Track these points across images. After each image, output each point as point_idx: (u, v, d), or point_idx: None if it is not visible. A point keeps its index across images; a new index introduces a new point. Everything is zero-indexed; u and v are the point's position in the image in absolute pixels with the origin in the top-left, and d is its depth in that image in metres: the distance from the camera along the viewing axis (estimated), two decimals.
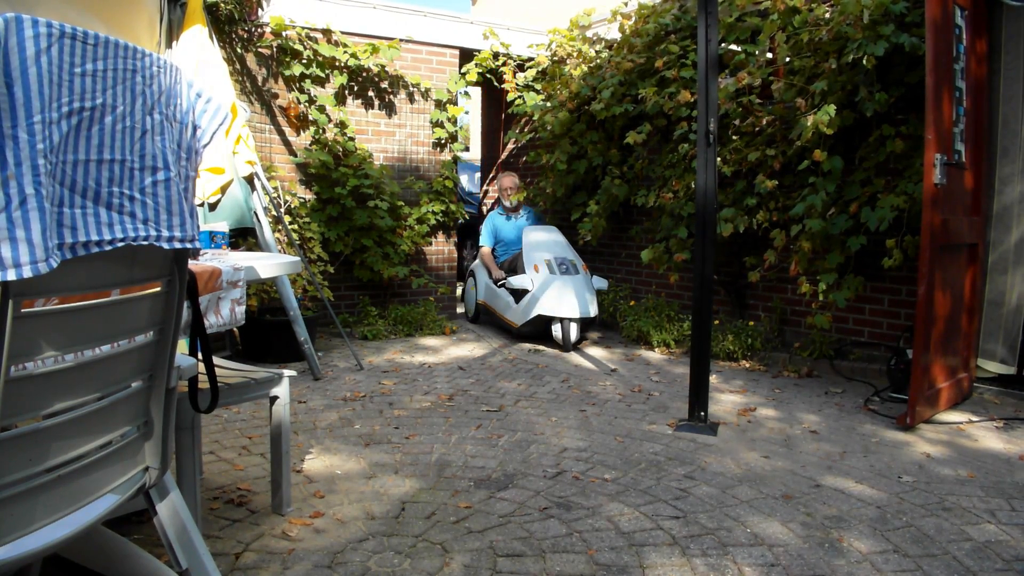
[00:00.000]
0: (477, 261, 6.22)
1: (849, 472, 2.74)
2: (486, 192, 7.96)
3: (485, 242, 5.96)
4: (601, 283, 5.26)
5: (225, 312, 2.19)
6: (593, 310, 5.02)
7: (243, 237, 4.55)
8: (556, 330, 5.03)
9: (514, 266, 5.65)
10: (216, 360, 2.14)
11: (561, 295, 4.95)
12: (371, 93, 5.84)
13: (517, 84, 6.37)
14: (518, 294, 5.29)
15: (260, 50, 5.26)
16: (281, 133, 5.51)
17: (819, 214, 4.03)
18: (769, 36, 4.30)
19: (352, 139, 5.62)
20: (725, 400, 3.79)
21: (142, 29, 3.36)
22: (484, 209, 8.15)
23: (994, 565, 2.01)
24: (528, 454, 2.92)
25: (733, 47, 4.76)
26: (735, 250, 4.98)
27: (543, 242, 5.40)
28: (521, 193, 6.13)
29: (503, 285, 5.56)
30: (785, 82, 4.21)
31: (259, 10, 5.09)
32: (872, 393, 3.88)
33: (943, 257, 3.28)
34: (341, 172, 5.43)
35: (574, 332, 5.01)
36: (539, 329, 5.19)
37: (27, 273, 1.01)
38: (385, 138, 5.94)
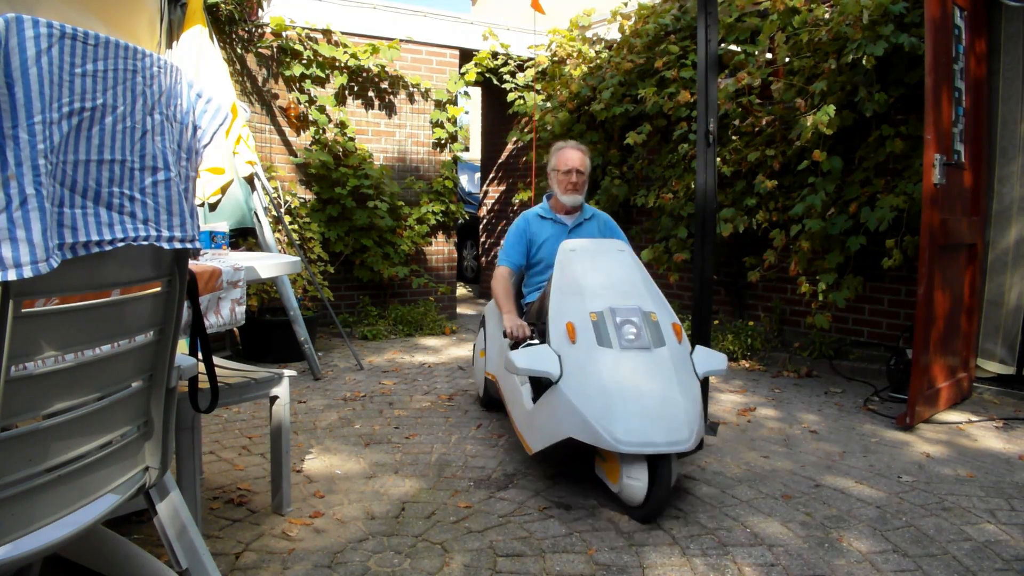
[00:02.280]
0: (491, 302, 3.42)
1: (849, 472, 2.74)
2: (486, 192, 7.96)
3: (505, 260, 3.27)
4: (714, 361, 2.58)
5: (225, 312, 2.20)
6: (696, 430, 2.29)
7: (243, 237, 4.55)
8: (626, 478, 2.26)
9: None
10: (216, 360, 2.14)
11: (625, 400, 2.27)
12: (371, 93, 5.84)
13: (516, 85, 6.37)
14: (538, 383, 2.66)
15: (260, 50, 5.26)
16: (281, 133, 5.51)
17: (819, 214, 4.03)
18: (769, 36, 4.30)
19: (352, 139, 5.62)
20: (725, 400, 3.79)
21: (142, 29, 3.36)
22: (483, 210, 8.13)
23: (994, 565, 2.01)
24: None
25: (733, 47, 4.76)
26: (735, 250, 4.98)
27: (591, 271, 2.69)
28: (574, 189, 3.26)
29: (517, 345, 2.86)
30: (785, 82, 4.21)
31: (259, 10, 5.09)
32: (872, 393, 3.88)
33: (942, 257, 3.28)
34: (341, 172, 5.43)
35: (664, 477, 2.24)
36: (575, 457, 2.63)
37: (27, 273, 1.01)
38: (385, 138, 5.94)
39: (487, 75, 6.43)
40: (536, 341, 2.84)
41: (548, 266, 3.14)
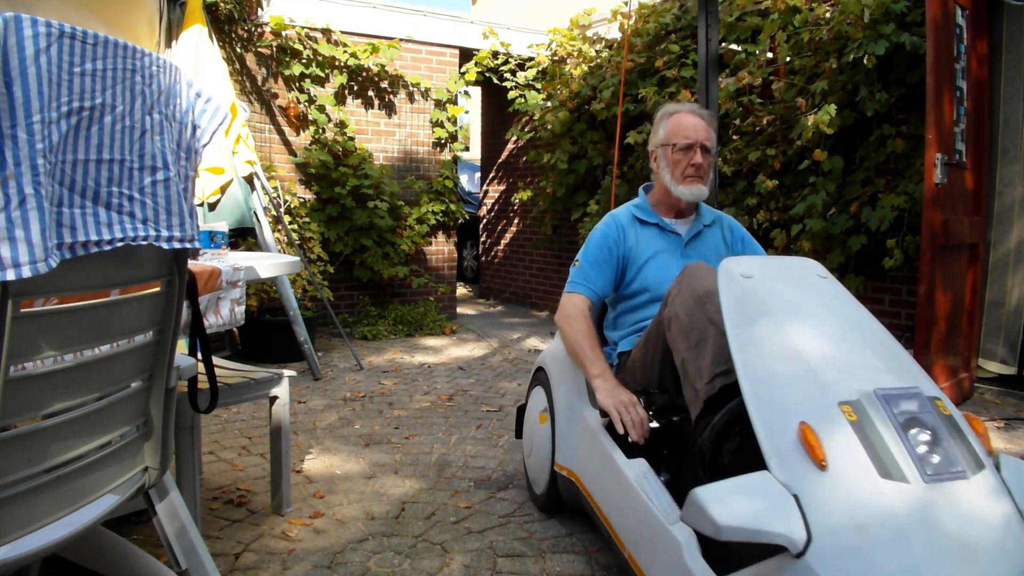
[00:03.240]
0: (552, 342, 2.37)
1: None
2: (486, 192, 7.95)
3: (582, 285, 2.10)
4: None
5: (224, 312, 2.19)
6: None
7: (243, 237, 4.55)
8: None
9: (691, 360, 1.66)
10: (216, 360, 2.14)
11: None
12: (371, 93, 5.83)
13: (517, 83, 6.36)
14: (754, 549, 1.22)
15: (260, 50, 5.26)
16: (281, 133, 5.50)
17: (820, 214, 4.03)
18: (769, 36, 4.30)
19: (352, 139, 5.62)
20: None
21: (142, 29, 3.36)
22: (483, 210, 8.11)
23: None
24: None
25: (733, 47, 4.76)
26: None
27: (807, 321, 1.48)
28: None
29: (637, 444, 1.76)
30: (785, 82, 4.20)
31: (259, 10, 5.08)
32: None
33: (944, 257, 3.28)
34: (341, 172, 5.43)
35: None
36: None
37: (26, 273, 1.01)
38: (385, 138, 5.94)
39: (487, 74, 6.43)
40: (655, 424, 1.78)
41: (655, 299, 2.03)
